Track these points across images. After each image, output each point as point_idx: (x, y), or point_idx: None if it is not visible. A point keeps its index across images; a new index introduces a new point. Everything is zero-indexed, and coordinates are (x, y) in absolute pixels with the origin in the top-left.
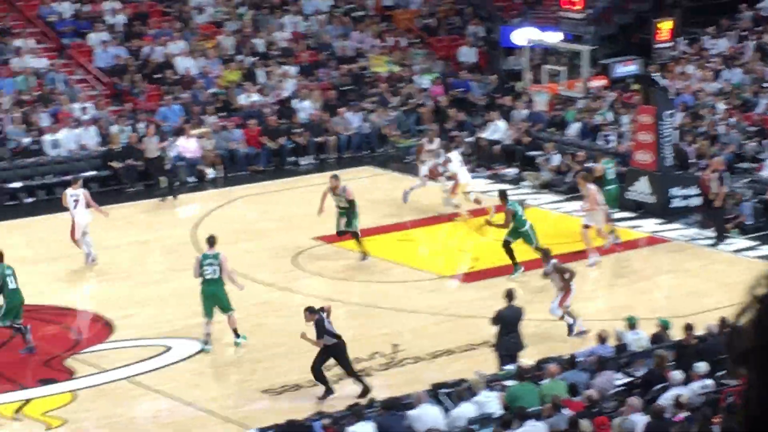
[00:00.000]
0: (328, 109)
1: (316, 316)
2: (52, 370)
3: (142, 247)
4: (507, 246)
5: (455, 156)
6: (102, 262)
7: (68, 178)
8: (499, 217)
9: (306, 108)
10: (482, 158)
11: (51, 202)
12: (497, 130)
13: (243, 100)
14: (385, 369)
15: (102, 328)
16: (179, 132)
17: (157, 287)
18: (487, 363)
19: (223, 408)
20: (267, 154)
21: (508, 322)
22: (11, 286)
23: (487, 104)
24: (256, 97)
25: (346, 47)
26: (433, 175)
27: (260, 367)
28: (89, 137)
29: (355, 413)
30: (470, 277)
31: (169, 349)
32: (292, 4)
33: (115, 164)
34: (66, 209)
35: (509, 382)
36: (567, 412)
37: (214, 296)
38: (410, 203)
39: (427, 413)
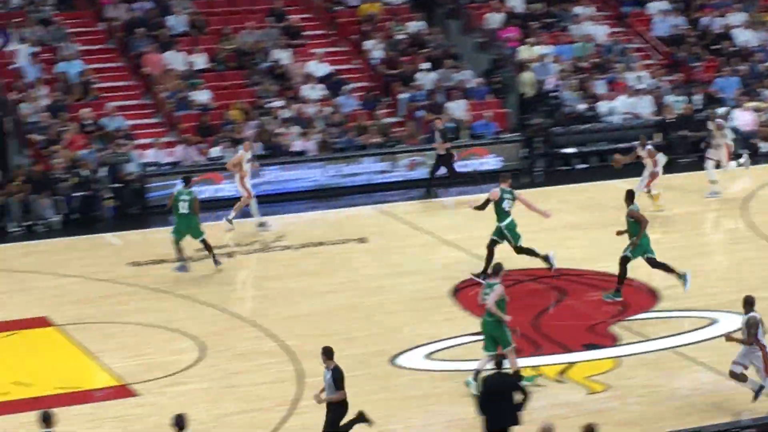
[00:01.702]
0: None
1: (333, 363)
2: (597, 335)
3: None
4: None
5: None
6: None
7: (621, 146)
8: None
9: None
10: None
11: (603, 169)
12: None
13: None
14: None
15: (648, 296)
16: (735, 104)
17: (703, 258)
18: None
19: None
20: None
21: None
22: (182, 210)
23: None
24: None
25: None
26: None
27: None
28: (643, 106)
29: None
30: None
31: (714, 321)
32: None
33: (656, 136)
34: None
35: None
36: None
37: (489, 325)
38: None
39: None
